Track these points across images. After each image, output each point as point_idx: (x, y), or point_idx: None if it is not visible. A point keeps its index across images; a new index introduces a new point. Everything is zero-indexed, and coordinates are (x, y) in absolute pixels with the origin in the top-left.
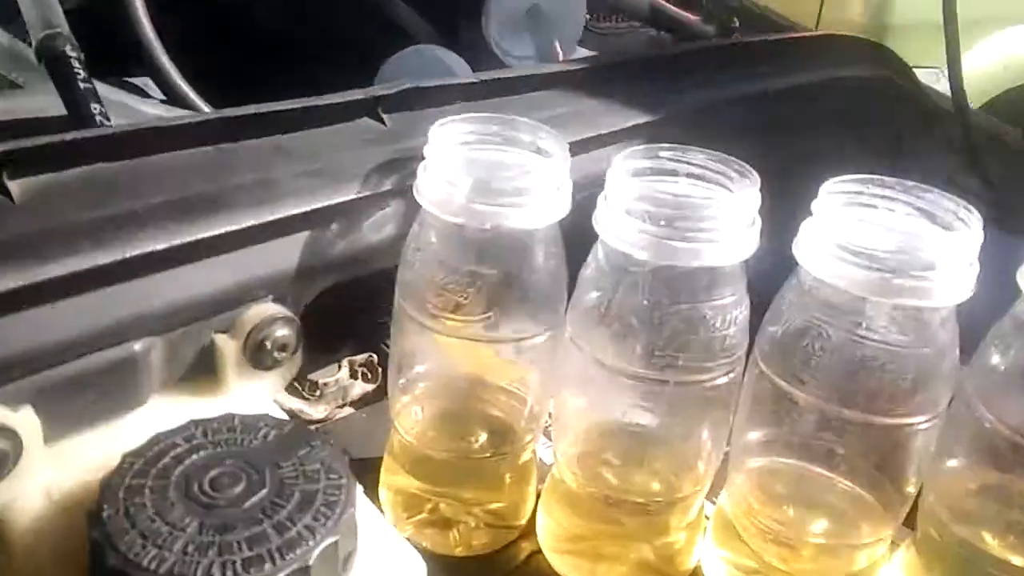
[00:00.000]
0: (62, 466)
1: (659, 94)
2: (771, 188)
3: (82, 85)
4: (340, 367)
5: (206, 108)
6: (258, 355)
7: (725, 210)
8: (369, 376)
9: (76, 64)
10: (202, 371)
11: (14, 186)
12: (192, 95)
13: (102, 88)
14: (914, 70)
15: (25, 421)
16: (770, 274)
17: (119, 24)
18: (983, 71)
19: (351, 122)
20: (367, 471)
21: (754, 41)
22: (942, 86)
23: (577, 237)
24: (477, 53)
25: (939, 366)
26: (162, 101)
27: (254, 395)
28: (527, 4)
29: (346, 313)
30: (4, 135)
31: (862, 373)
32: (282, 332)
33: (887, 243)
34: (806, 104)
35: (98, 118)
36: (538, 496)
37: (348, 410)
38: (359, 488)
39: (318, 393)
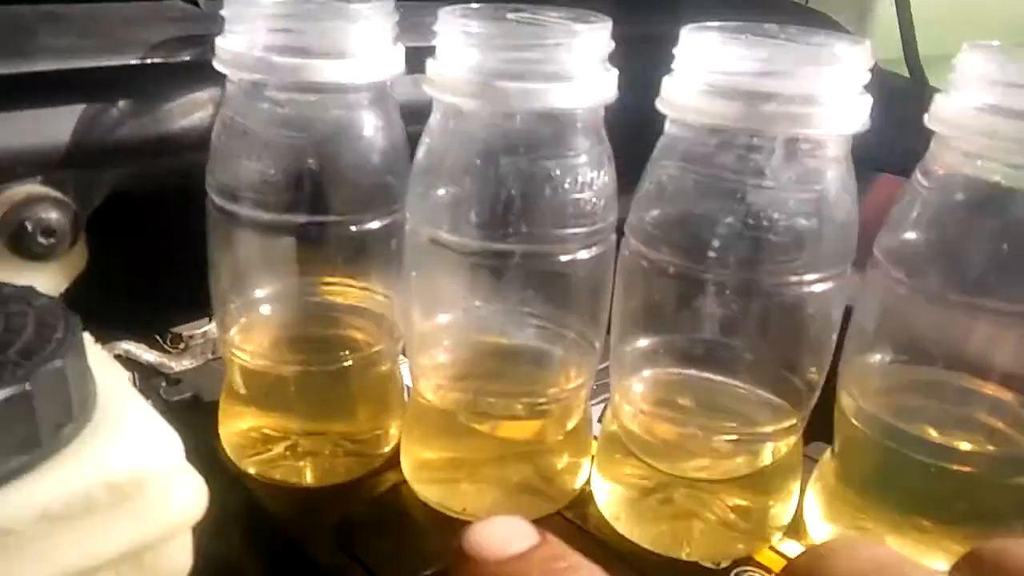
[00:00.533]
0: None
1: None
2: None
3: None
4: (210, 319)
5: None
6: (19, 239)
7: (565, 46)
8: None
9: None
10: None
11: None
12: None
13: None
14: None
15: None
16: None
17: None
18: None
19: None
20: None
21: None
22: None
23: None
24: None
25: (832, 214)
26: None
27: None
28: None
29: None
30: None
31: (743, 227)
32: (49, 214)
33: (760, 74)
34: None
35: None
36: None
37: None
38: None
39: (182, 346)
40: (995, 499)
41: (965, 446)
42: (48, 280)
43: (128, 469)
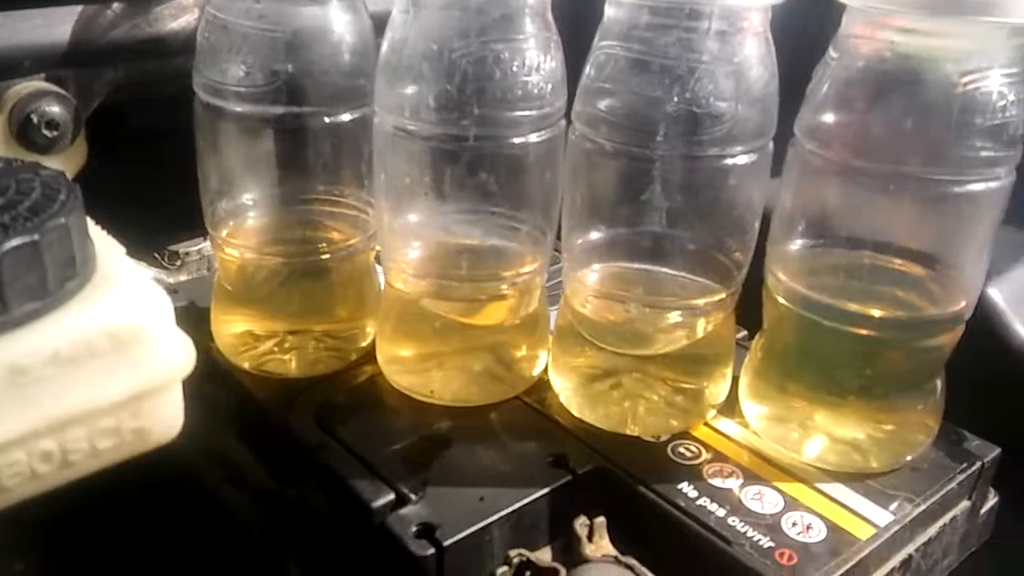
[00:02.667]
0: None
1: None
2: None
3: None
4: (206, 238)
5: None
6: (25, 131)
7: None
8: None
9: None
10: None
11: None
12: None
13: None
14: None
15: None
16: None
17: None
18: None
19: None
20: None
21: None
22: None
23: None
24: None
25: (753, 86)
26: None
27: None
28: None
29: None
30: None
31: (678, 104)
32: (52, 108)
33: None
34: None
35: None
36: None
37: None
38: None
39: (178, 263)
40: (903, 362)
41: (876, 312)
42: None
43: (126, 320)
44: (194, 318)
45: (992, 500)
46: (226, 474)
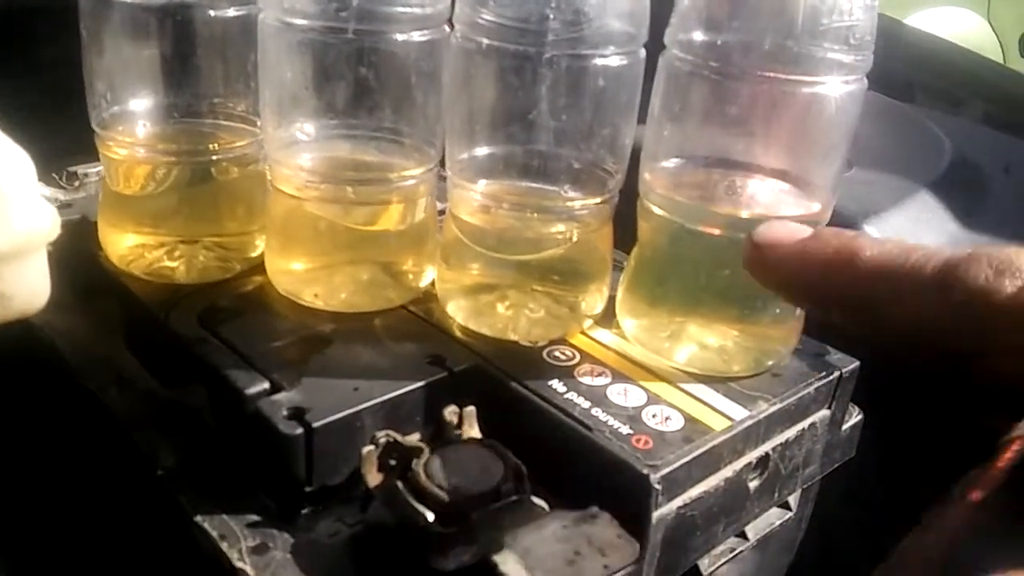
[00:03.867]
0: None
1: None
2: None
3: None
4: None
5: None
6: None
7: None
8: None
9: None
10: None
11: None
12: None
13: None
14: None
15: None
16: None
17: None
18: None
19: None
20: None
21: None
22: None
23: None
24: None
25: None
26: None
27: None
28: None
29: None
30: None
31: (539, 3)
32: None
33: None
34: None
35: None
36: None
37: None
38: None
39: (77, 183)
40: None
41: (735, 213)
42: None
43: None
44: (85, 231)
45: (856, 417)
46: (112, 377)
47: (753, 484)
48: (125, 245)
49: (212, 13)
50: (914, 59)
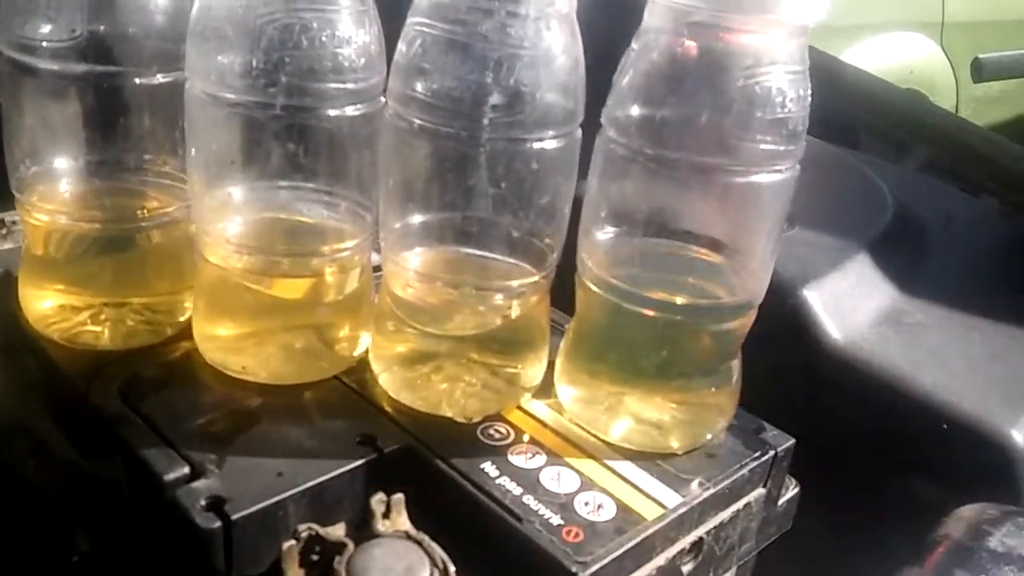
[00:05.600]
0: None
1: None
2: None
3: None
4: None
5: None
6: None
7: None
8: None
9: None
10: None
11: None
12: None
13: None
14: None
15: None
16: None
17: None
18: None
19: None
20: None
21: None
22: None
23: None
24: None
25: (558, 72)
26: None
27: None
28: None
29: None
30: None
31: (477, 83)
32: None
33: None
34: None
35: None
36: None
37: None
38: None
39: (4, 231)
40: (698, 345)
41: (669, 298)
42: None
43: None
44: (6, 288)
45: (793, 490)
46: (29, 446)
47: (687, 568)
48: (46, 306)
49: (138, 81)
50: (857, 101)
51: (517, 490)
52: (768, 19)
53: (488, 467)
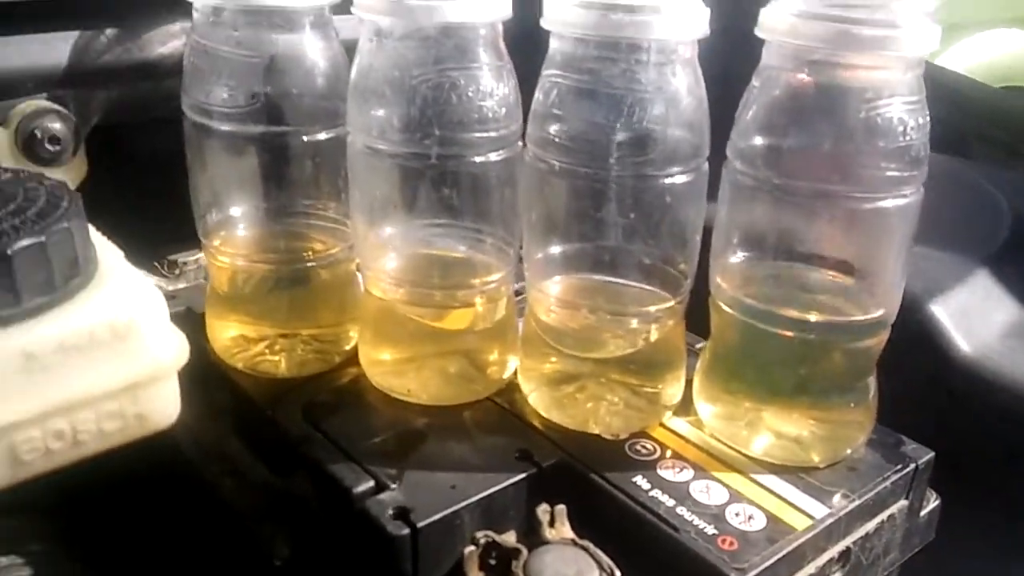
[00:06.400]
0: None
1: None
2: None
3: None
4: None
5: None
6: (30, 146)
7: None
8: None
9: None
10: None
11: None
12: None
13: None
14: None
15: None
16: None
17: None
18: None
19: None
20: None
21: None
22: None
23: None
24: None
25: (685, 111)
26: None
27: None
28: None
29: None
30: None
31: (610, 126)
32: (53, 124)
33: None
34: None
35: None
36: None
37: None
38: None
39: (177, 272)
40: (834, 363)
41: (805, 317)
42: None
43: (122, 315)
44: (191, 322)
45: (933, 502)
46: (224, 467)
47: None
48: (229, 338)
49: (305, 138)
50: (964, 108)
51: (670, 502)
52: (885, 56)
53: (640, 480)
